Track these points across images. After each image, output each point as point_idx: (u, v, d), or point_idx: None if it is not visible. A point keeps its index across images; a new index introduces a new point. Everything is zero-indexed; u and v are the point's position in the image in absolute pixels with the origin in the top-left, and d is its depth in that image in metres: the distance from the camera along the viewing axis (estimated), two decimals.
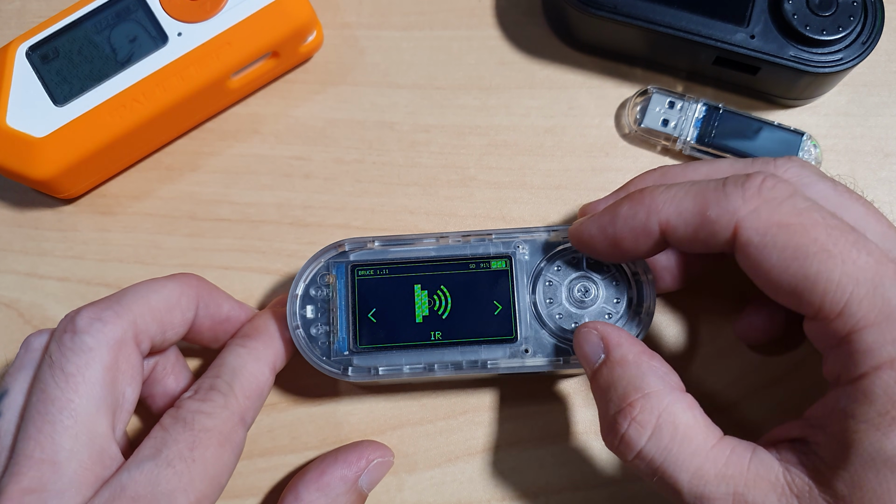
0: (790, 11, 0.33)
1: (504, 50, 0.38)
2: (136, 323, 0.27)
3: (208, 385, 0.28)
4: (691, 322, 0.34)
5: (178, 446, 0.26)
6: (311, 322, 0.30)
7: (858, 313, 0.23)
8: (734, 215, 0.25)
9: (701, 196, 0.26)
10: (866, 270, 0.23)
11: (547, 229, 0.31)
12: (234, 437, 0.28)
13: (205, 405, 0.27)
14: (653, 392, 0.25)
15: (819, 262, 0.23)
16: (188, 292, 0.29)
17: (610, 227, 0.27)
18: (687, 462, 0.24)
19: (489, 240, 0.31)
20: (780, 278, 0.24)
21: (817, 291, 0.23)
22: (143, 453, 0.26)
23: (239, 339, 0.30)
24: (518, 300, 0.30)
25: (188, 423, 0.27)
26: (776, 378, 0.33)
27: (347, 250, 0.31)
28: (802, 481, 0.24)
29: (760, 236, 0.24)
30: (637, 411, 0.25)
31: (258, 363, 0.29)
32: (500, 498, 0.33)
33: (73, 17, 0.34)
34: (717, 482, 0.24)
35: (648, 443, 0.25)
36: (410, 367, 0.30)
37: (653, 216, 0.26)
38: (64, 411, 0.25)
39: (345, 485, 0.30)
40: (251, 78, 0.35)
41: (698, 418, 0.25)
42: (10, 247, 0.36)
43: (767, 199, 0.25)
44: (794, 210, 0.24)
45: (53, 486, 0.25)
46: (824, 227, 0.24)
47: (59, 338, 0.27)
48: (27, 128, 0.33)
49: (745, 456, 0.25)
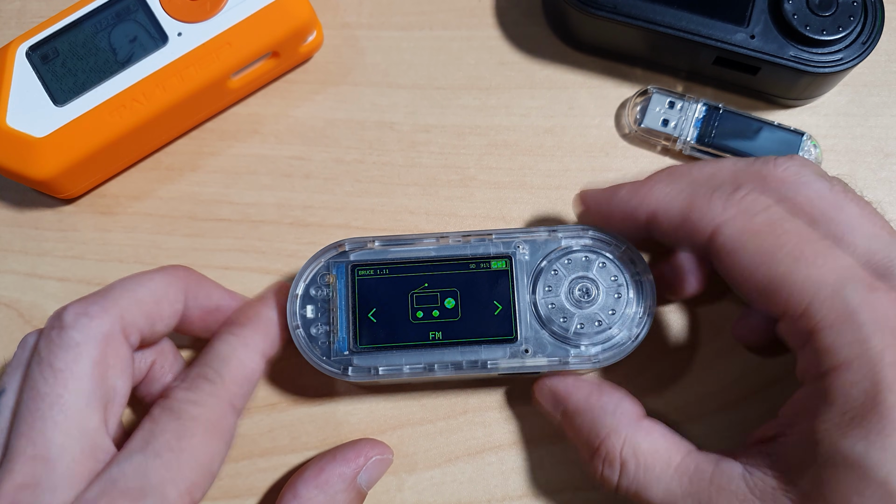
0: (790, 11, 0.33)
1: (504, 50, 0.38)
2: (123, 316, 0.27)
3: (196, 373, 0.28)
4: (691, 322, 0.34)
5: (165, 437, 0.26)
6: (311, 322, 0.30)
7: (819, 314, 0.24)
8: (713, 221, 0.27)
9: (690, 198, 0.28)
10: (830, 274, 0.24)
11: (547, 229, 0.31)
12: (223, 425, 0.27)
13: (192, 393, 0.27)
14: (610, 432, 0.28)
15: (785, 265, 0.25)
16: (176, 283, 0.29)
17: (606, 203, 0.30)
18: (655, 486, 0.27)
19: (489, 240, 0.31)
20: (750, 280, 0.26)
21: (783, 292, 0.25)
22: (133, 445, 0.26)
23: (228, 327, 0.30)
24: (518, 300, 0.30)
25: (175, 412, 0.27)
26: (776, 378, 0.33)
27: (347, 250, 0.31)
28: (765, 483, 0.25)
29: (733, 241, 0.26)
30: (604, 453, 0.28)
31: (247, 350, 0.29)
32: (499, 498, 0.33)
33: (73, 17, 0.34)
34: (684, 499, 0.26)
35: (621, 478, 0.28)
36: (410, 367, 0.30)
37: (643, 206, 0.29)
38: (54, 407, 0.25)
39: (343, 482, 0.30)
40: (251, 78, 0.36)
41: (658, 441, 0.28)
42: (10, 247, 0.36)
43: (745, 209, 0.26)
44: (768, 220, 0.26)
45: (46, 482, 0.25)
46: (795, 234, 0.25)
47: (47, 334, 0.27)
48: (27, 128, 0.33)
49: (708, 471, 0.26)
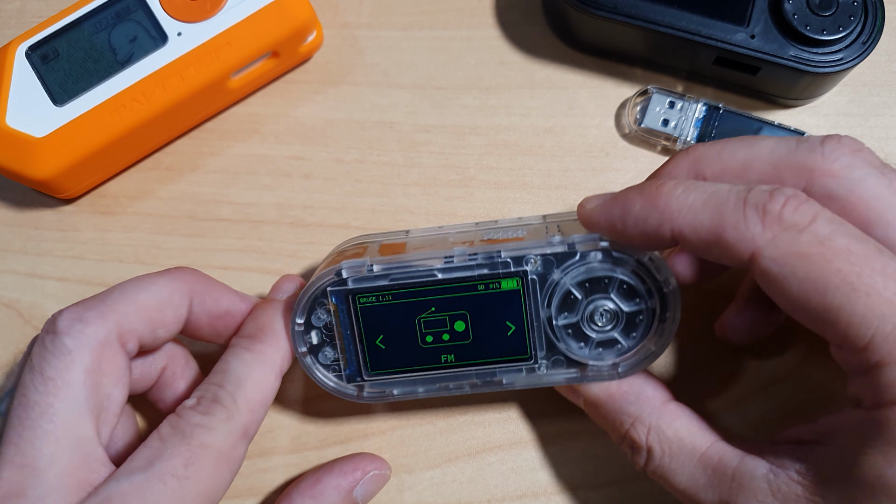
0: (790, 11, 0.33)
1: (504, 50, 0.38)
2: (120, 322, 0.27)
3: (212, 395, 0.27)
4: (691, 322, 0.34)
5: (172, 462, 0.25)
6: (319, 348, 0.29)
7: (884, 349, 0.22)
8: (751, 243, 0.23)
9: (718, 213, 0.24)
10: (893, 304, 0.22)
11: (562, 240, 0.28)
12: (233, 454, 0.27)
13: (206, 419, 0.26)
14: (634, 420, 0.28)
15: (842, 294, 0.22)
16: (181, 288, 0.29)
17: (620, 223, 0.26)
18: (680, 474, 0.26)
19: (497, 257, 0.28)
20: (801, 308, 0.23)
21: (840, 324, 0.22)
22: (136, 464, 0.25)
23: (244, 341, 0.29)
24: (532, 318, 0.28)
25: (186, 437, 0.26)
26: (776, 379, 0.33)
27: (346, 277, 0.28)
28: (790, 488, 0.24)
29: (779, 267, 0.23)
30: (630, 442, 0.28)
31: (265, 368, 0.28)
32: (499, 498, 0.33)
33: (73, 17, 0.34)
34: (706, 490, 0.26)
35: (648, 464, 0.27)
36: (425, 389, 0.29)
37: (665, 224, 0.25)
38: (44, 416, 0.25)
39: (339, 494, 0.30)
40: (251, 78, 0.35)
41: (683, 428, 0.27)
42: (10, 247, 0.36)
43: (788, 226, 0.23)
44: (816, 239, 0.23)
45: (33, 492, 0.24)
46: (847, 255, 0.22)
47: (41, 340, 0.26)
48: (27, 128, 0.33)
49: (732, 464, 0.26)
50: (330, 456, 0.33)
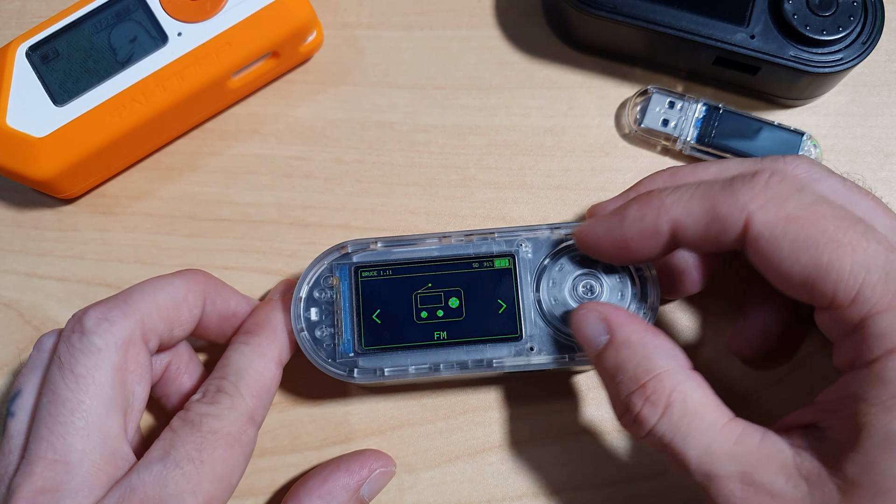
0: (790, 11, 0.33)
1: (504, 50, 0.38)
2: (143, 322, 0.28)
3: (215, 387, 0.28)
4: (691, 322, 0.34)
5: (186, 448, 0.26)
6: (316, 324, 0.30)
7: (872, 299, 0.23)
8: (743, 211, 0.25)
9: (709, 194, 0.26)
10: (877, 257, 0.24)
11: (550, 227, 0.31)
12: (243, 438, 0.28)
13: (212, 407, 0.27)
14: (663, 372, 0.26)
15: (830, 251, 0.24)
16: (195, 289, 0.30)
17: (618, 229, 0.27)
18: (696, 439, 0.25)
19: (492, 238, 0.31)
20: (791, 270, 0.24)
21: (830, 280, 0.24)
22: (153, 455, 0.26)
23: (242, 336, 0.30)
24: (522, 298, 0.30)
25: (196, 425, 0.27)
26: (776, 379, 0.33)
27: (350, 252, 0.31)
28: (812, 465, 0.24)
29: (771, 229, 0.25)
30: (650, 392, 0.26)
31: (263, 360, 0.29)
32: (499, 498, 0.33)
33: (73, 17, 0.34)
34: (725, 460, 0.24)
35: (660, 421, 0.25)
36: (416, 368, 0.30)
37: (662, 217, 0.26)
38: (75, 413, 0.26)
39: (346, 493, 0.30)
40: (251, 78, 0.35)
41: (709, 397, 0.26)
42: (10, 247, 0.36)
43: (775, 193, 0.25)
44: (803, 203, 0.25)
45: (66, 486, 0.25)
46: (833, 218, 0.24)
47: (67, 338, 0.27)
48: (27, 128, 0.33)
49: (756, 437, 0.25)
50: (330, 456, 0.33)
